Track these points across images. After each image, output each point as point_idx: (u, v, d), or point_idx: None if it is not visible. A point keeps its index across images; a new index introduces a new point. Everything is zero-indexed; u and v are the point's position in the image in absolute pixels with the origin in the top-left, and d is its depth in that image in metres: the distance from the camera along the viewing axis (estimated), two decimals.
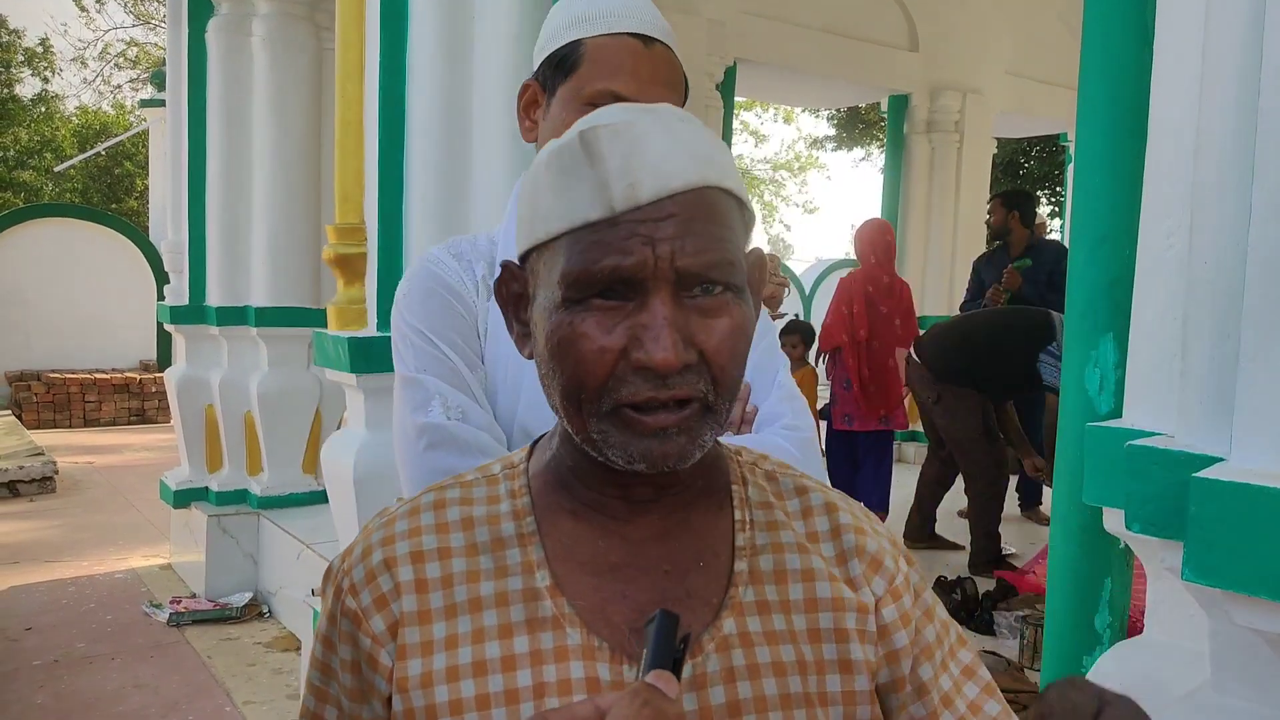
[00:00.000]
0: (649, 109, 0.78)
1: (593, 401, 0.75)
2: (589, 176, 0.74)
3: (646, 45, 1.32)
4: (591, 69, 1.32)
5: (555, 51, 1.35)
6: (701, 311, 0.75)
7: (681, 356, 0.73)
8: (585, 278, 0.74)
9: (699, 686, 0.78)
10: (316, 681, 0.85)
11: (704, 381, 0.75)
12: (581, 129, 0.76)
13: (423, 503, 0.86)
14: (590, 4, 1.35)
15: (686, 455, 0.76)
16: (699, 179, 0.75)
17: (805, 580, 0.85)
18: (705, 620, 0.81)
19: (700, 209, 0.75)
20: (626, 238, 0.73)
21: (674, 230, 0.74)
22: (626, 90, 1.30)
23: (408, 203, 2.94)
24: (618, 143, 0.75)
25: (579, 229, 0.75)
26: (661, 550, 0.83)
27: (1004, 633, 4.11)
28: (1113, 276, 1.43)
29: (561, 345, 0.76)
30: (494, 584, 0.81)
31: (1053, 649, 1.53)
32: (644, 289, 0.74)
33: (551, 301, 0.77)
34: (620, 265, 0.73)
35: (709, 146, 0.78)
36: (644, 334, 0.73)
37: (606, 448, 0.77)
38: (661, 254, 0.73)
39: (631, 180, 0.74)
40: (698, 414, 0.76)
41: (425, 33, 2.84)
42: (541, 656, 0.78)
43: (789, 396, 1.35)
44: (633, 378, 0.74)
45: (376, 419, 3.00)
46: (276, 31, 4.98)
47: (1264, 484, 0.96)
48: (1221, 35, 1.17)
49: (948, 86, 7.77)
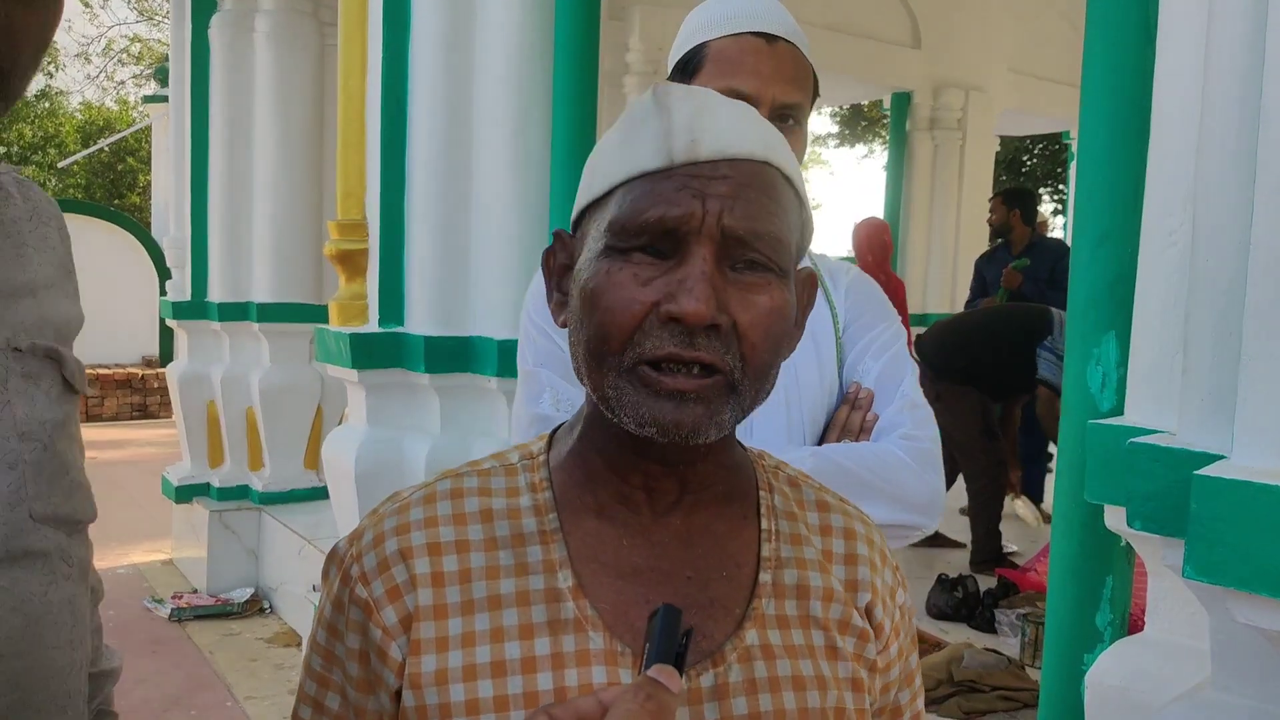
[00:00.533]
0: (722, 95, 0.79)
1: (615, 355, 0.74)
2: (654, 125, 0.75)
3: (769, 43, 1.34)
4: (713, 69, 1.35)
5: (682, 57, 1.39)
6: (742, 286, 0.74)
7: (712, 312, 0.72)
8: (631, 226, 0.74)
9: (721, 696, 0.77)
10: (318, 667, 0.83)
11: (732, 355, 0.73)
12: (655, 86, 0.77)
13: (439, 490, 0.83)
14: (716, 8, 1.38)
15: (700, 427, 0.74)
16: (762, 152, 0.76)
17: (825, 600, 0.84)
18: (728, 630, 0.80)
19: (756, 179, 0.75)
20: (678, 189, 0.73)
21: (726, 190, 0.73)
22: (747, 87, 1.32)
23: (409, 198, 2.93)
24: (689, 101, 0.75)
25: (634, 179, 0.75)
26: (685, 555, 0.81)
27: (1005, 630, 4.11)
28: (1115, 274, 1.43)
29: (595, 293, 0.74)
30: (514, 581, 0.79)
31: (1054, 647, 1.53)
32: (686, 245, 0.73)
33: (593, 252, 0.76)
34: (666, 215, 0.72)
35: (776, 135, 0.79)
36: (678, 288, 0.72)
37: (619, 407, 0.74)
38: (710, 209, 0.73)
39: (695, 136, 0.74)
40: (720, 387, 0.74)
41: (427, 29, 2.83)
42: (563, 660, 0.76)
43: (911, 406, 1.35)
44: (659, 331, 0.72)
45: (378, 415, 3.00)
46: (279, 27, 4.98)
47: (1266, 481, 0.96)
48: (1224, 32, 1.17)
49: (951, 84, 7.75)
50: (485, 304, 2.84)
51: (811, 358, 1.38)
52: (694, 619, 0.79)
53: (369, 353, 2.95)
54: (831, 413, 1.39)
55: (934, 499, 1.31)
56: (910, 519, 1.29)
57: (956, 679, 3.49)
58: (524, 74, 2.73)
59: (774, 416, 1.35)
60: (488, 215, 2.81)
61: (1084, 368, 1.46)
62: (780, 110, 1.34)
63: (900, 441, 1.32)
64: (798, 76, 1.35)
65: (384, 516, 0.83)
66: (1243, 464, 1.02)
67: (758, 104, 1.32)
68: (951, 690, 3.46)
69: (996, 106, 8.16)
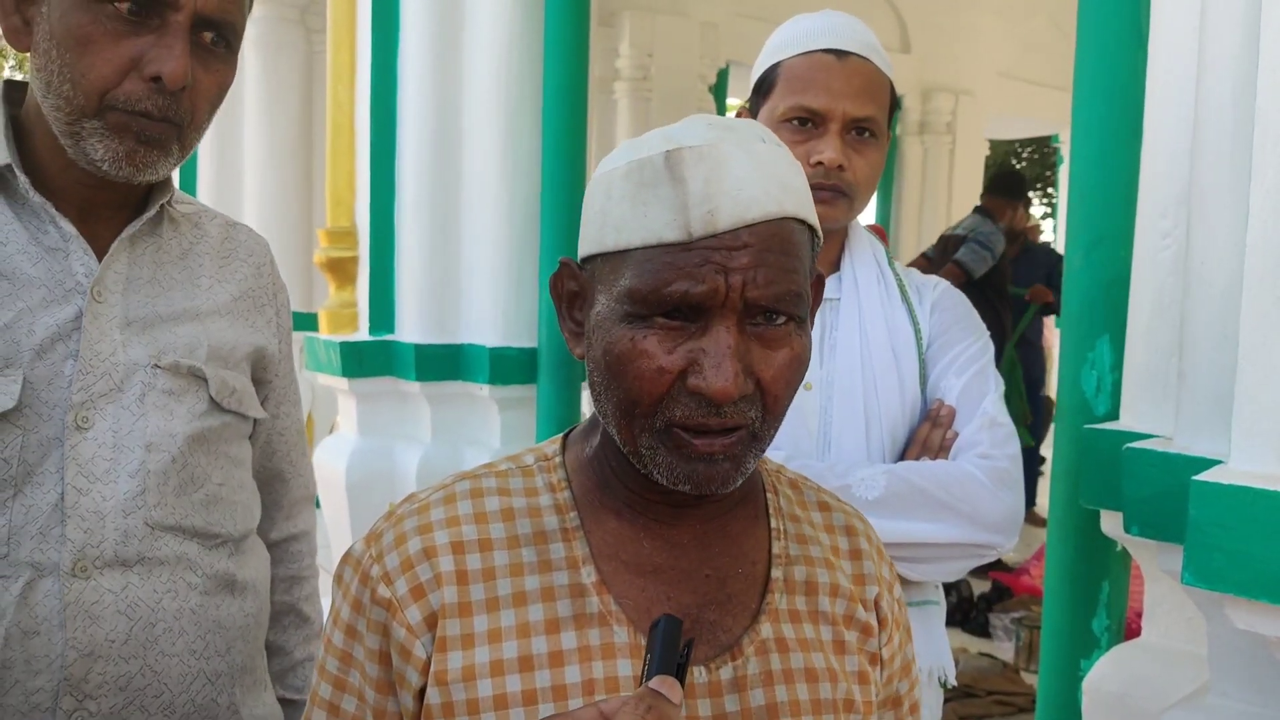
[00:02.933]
0: (731, 126, 0.79)
1: (646, 418, 0.76)
2: (669, 197, 0.75)
3: (840, 59, 1.35)
4: (785, 87, 1.37)
5: (759, 78, 1.42)
6: (763, 341, 0.76)
7: (740, 388, 0.74)
8: (654, 297, 0.74)
9: (740, 689, 0.80)
10: (334, 670, 0.84)
11: (755, 409, 0.76)
12: (667, 148, 0.76)
13: (458, 490, 0.85)
14: (790, 28, 1.41)
15: (730, 481, 0.78)
16: (777, 209, 0.76)
17: (832, 595, 0.87)
18: (744, 624, 0.83)
19: (775, 241, 0.76)
20: (700, 264, 0.74)
21: (748, 261, 0.74)
22: (817, 104, 1.34)
23: (399, 206, 2.92)
24: (701, 166, 0.75)
25: (652, 247, 0.75)
26: (703, 554, 0.84)
27: (999, 635, 4.11)
28: (1109, 278, 1.42)
29: (621, 360, 0.76)
30: (539, 578, 0.80)
31: (1050, 652, 1.52)
32: (709, 314, 0.75)
33: (614, 313, 0.77)
34: (691, 291, 0.73)
35: (787, 171, 0.78)
36: (705, 360, 0.74)
37: (653, 465, 0.78)
38: (733, 284, 0.74)
39: (712, 207, 0.74)
40: (745, 440, 0.77)
41: (416, 36, 2.83)
42: (590, 653, 0.78)
43: (990, 425, 1.35)
44: (687, 399, 0.75)
45: (368, 424, 2.99)
46: (267, 34, 4.97)
47: (1264, 487, 0.95)
48: (1217, 34, 1.17)
49: (940, 88, 7.77)
50: (476, 311, 2.83)
51: (892, 375, 1.38)
52: (713, 615, 0.82)
53: (359, 361, 2.93)
54: (913, 429, 1.39)
55: (1009, 518, 1.30)
56: (985, 538, 1.29)
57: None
58: (514, 80, 2.72)
59: (853, 433, 1.36)
60: (478, 222, 2.80)
61: (1079, 371, 1.45)
62: (853, 124, 1.35)
63: (977, 460, 1.32)
64: (870, 90, 1.36)
65: (403, 518, 0.84)
66: (1241, 469, 1.01)
67: (829, 120, 1.34)
68: (947, 695, 3.45)
69: (986, 110, 8.18)
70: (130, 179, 1.08)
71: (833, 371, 1.38)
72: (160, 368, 1.13)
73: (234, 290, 1.24)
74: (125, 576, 1.09)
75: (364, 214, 2.99)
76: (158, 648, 1.12)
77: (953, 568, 1.33)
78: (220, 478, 1.20)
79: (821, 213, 1.36)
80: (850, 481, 1.28)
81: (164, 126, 1.07)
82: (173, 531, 1.13)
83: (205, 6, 1.06)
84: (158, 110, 1.06)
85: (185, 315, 1.18)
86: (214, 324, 1.20)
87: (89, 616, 1.07)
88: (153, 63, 1.04)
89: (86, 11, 1.03)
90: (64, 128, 1.06)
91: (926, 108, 7.86)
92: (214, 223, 1.27)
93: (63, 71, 1.04)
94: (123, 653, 1.09)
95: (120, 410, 1.10)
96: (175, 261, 1.20)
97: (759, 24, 6.68)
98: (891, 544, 1.26)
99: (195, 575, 1.15)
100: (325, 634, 0.86)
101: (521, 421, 2.80)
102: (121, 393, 1.11)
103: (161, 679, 1.12)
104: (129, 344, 1.12)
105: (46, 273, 1.09)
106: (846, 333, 1.39)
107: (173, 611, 1.13)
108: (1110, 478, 1.31)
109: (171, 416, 1.14)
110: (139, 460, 1.11)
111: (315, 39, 5.09)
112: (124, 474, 1.10)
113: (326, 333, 3.17)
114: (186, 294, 1.19)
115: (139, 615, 1.10)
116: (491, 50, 2.73)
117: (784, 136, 1.35)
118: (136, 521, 1.10)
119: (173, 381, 1.14)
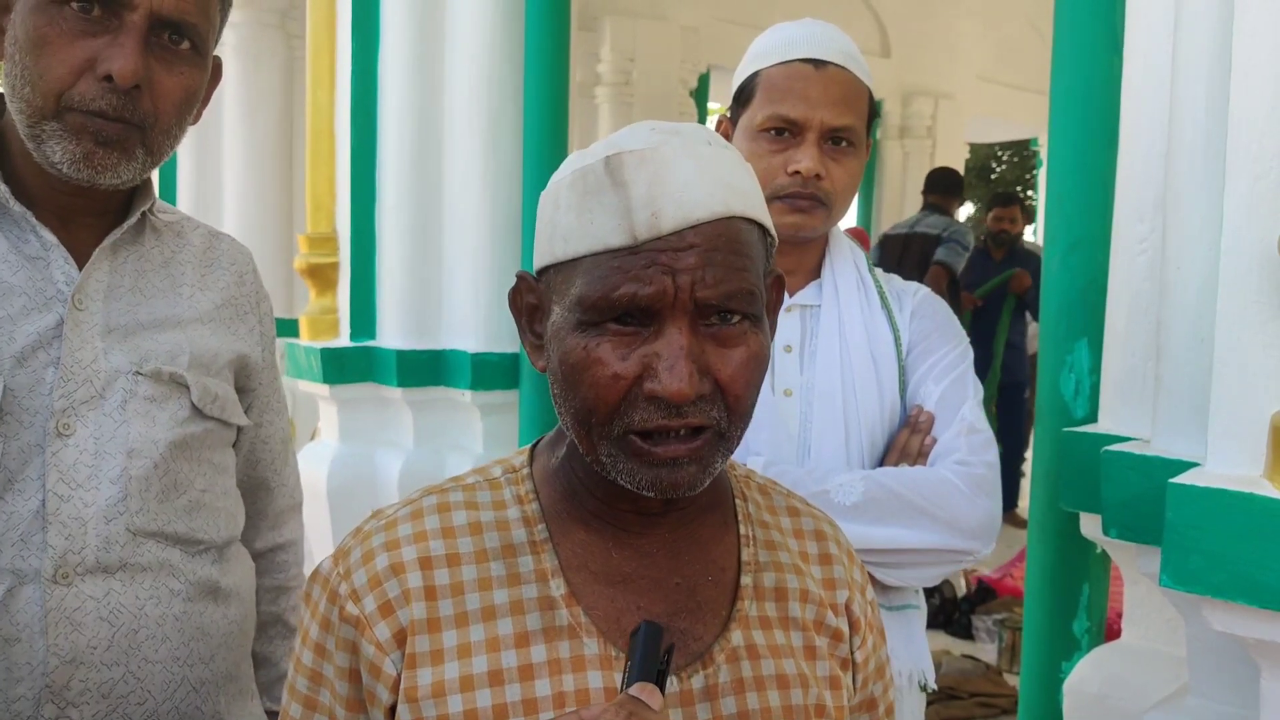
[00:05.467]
0: (676, 130, 0.78)
1: (603, 425, 0.76)
2: (612, 203, 0.74)
3: (818, 69, 1.35)
4: (763, 97, 1.37)
5: (739, 86, 1.43)
6: (718, 340, 0.76)
7: (696, 388, 0.73)
8: (603, 303, 0.74)
9: (712, 697, 0.79)
10: (304, 689, 0.83)
11: (717, 409, 0.76)
12: (608, 153, 0.76)
13: (425, 506, 0.84)
14: (770, 37, 1.42)
15: (696, 483, 0.77)
16: (723, 209, 0.75)
17: (802, 601, 0.87)
18: (715, 632, 0.82)
19: (722, 240, 0.75)
20: (646, 266, 0.73)
21: (695, 261, 0.73)
22: (794, 113, 1.34)
23: (380, 211, 2.91)
24: (643, 169, 0.74)
25: (599, 253, 0.75)
26: (672, 563, 0.84)
27: (982, 636, 4.12)
28: (1086, 281, 1.43)
29: (576, 369, 0.76)
30: (507, 592, 0.80)
31: (1031, 654, 1.53)
32: (661, 317, 0.74)
33: (567, 323, 0.77)
34: (639, 294, 0.73)
35: (733, 172, 0.78)
36: (658, 363, 0.73)
37: (616, 472, 0.77)
38: (681, 284, 0.73)
39: (655, 209, 0.73)
40: (710, 442, 0.76)
41: (396, 41, 2.82)
42: (560, 666, 0.78)
43: (969, 430, 1.35)
44: (644, 405, 0.74)
45: (350, 430, 2.97)
46: (247, 40, 4.94)
47: (1240, 489, 0.96)
48: (1191, 40, 1.18)
49: (920, 92, 7.81)
50: (458, 317, 2.82)
51: (871, 381, 1.39)
52: (684, 623, 0.81)
53: (340, 367, 2.92)
54: (893, 435, 1.40)
55: (986, 524, 1.31)
56: (961, 544, 1.30)
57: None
58: (494, 85, 2.71)
59: (833, 439, 1.36)
60: (459, 227, 2.79)
61: (1057, 375, 1.46)
62: (831, 133, 1.35)
63: (954, 466, 1.33)
64: (848, 99, 1.36)
65: (370, 534, 0.83)
66: (1217, 471, 1.02)
67: (806, 129, 1.34)
68: (930, 698, 3.46)
69: (965, 114, 8.23)
70: (92, 181, 1.07)
71: (812, 377, 1.38)
72: (142, 374, 1.13)
73: (216, 298, 1.24)
74: (107, 583, 1.09)
75: (344, 219, 2.98)
76: (140, 654, 1.11)
77: (930, 573, 1.33)
78: (203, 484, 1.19)
79: (799, 222, 1.36)
80: (829, 487, 1.29)
81: (121, 127, 1.06)
82: (155, 538, 1.13)
83: (162, 6, 1.05)
84: (112, 110, 1.05)
85: (167, 323, 1.18)
86: (196, 331, 1.20)
87: (71, 623, 1.06)
88: (104, 61, 1.03)
89: (44, 13, 1.03)
90: (27, 131, 1.06)
91: (906, 111, 7.89)
92: (196, 232, 1.27)
93: (24, 74, 1.04)
94: (105, 659, 1.09)
95: (102, 417, 1.10)
96: (157, 270, 1.19)
97: (740, 29, 6.69)
98: (869, 549, 1.26)
99: (178, 582, 1.15)
100: (295, 653, 0.85)
101: (504, 427, 2.80)
102: (103, 399, 1.10)
103: (145, 686, 1.12)
104: (110, 351, 1.12)
105: (27, 281, 1.09)
106: (826, 339, 1.40)
107: (155, 618, 1.12)
108: (1089, 480, 1.31)
109: (153, 423, 1.13)
110: (121, 466, 1.10)
111: (295, 44, 5.06)
112: (106, 480, 1.10)
113: (307, 339, 3.15)
114: (168, 302, 1.19)
115: (121, 622, 1.10)
116: (472, 55, 2.73)
117: (762, 146, 1.36)
118: (118, 528, 1.10)
119: (154, 388, 1.14)
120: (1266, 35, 0.98)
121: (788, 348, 1.40)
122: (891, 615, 1.37)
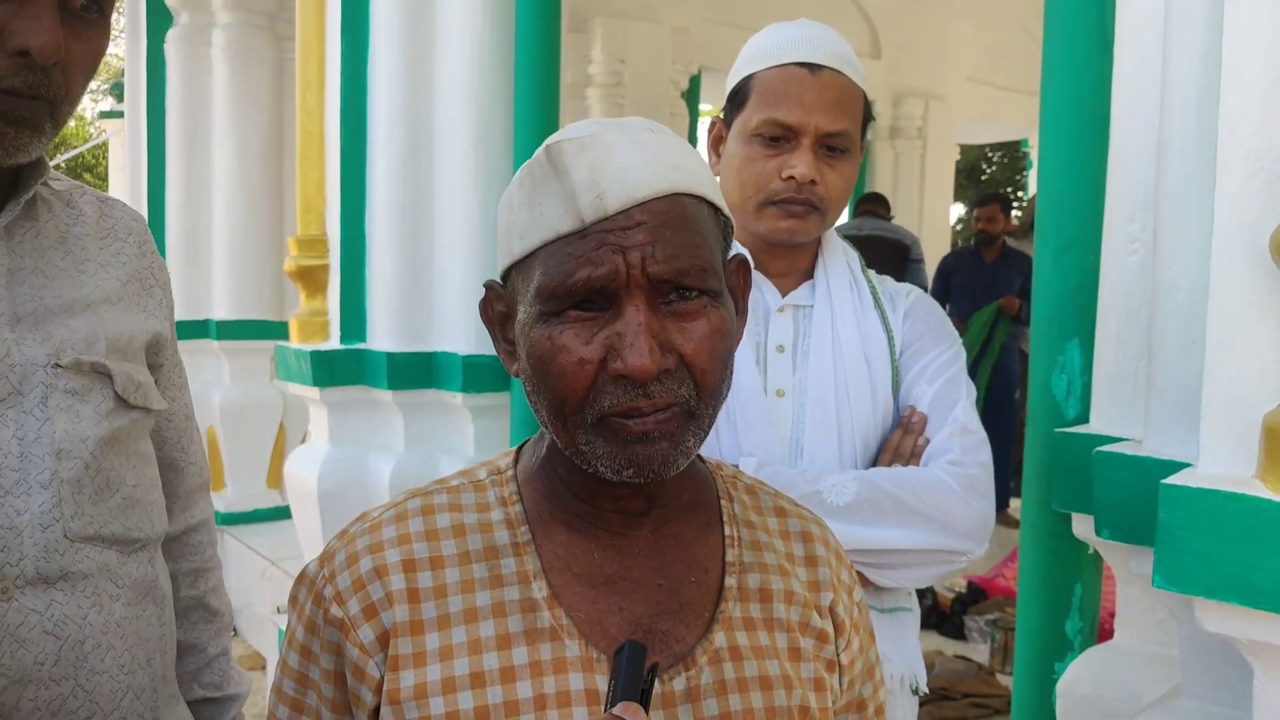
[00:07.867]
0: (619, 122, 0.79)
1: (577, 413, 0.76)
2: (557, 190, 0.75)
3: (813, 72, 1.35)
4: (757, 100, 1.36)
5: (733, 89, 1.41)
6: (679, 316, 0.76)
7: (658, 362, 0.74)
8: (560, 290, 0.75)
9: (694, 699, 0.79)
10: (291, 691, 0.84)
11: (685, 386, 0.76)
12: (548, 143, 0.77)
13: (409, 508, 0.84)
14: (765, 39, 1.41)
15: (670, 461, 0.77)
16: (668, 186, 0.76)
17: (787, 602, 0.87)
18: (698, 633, 0.82)
19: (670, 216, 0.75)
20: (597, 248, 0.74)
21: (644, 237, 0.74)
22: (789, 118, 1.33)
23: (370, 213, 2.90)
24: (583, 155, 0.75)
25: (551, 242, 0.75)
26: (655, 564, 0.84)
27: (975, 637, 4.12)
28: (1078, 282, 1.43)
29: (543, 360, 0.76)
30: (490, 594, 0.80)
31: (1024, 655, 1.53)
32: (618, 298, 0.74)
33: (530, 317, 0.77)
34: (592, 276, 0.73)
35: (677, 154, 0.78)
36: (619, 342, 0.74)
37: (595, 459, 0.77)
38: (632, 261, 0.74)
39: (599, 191, 0.74)
40: (679, 418, 0.76)
41: (387, 42, 2.81)
42: (541, 668, 0.78)
43: (962, 431, 1.35)
44: (612, 387, 0.74)
45: (340, 433, 2.96)
46: (237, 42, 4.92)
47: (1233, 489, 0.95)
48: (1181, 40, 1.18)
49: (911, 93, 7.82)
50: (448, 319, 2.81)
51: (864, 382, 1.39)
52: (667, 624, 0.81)
53: (331, 370, 2.91)
54: (886, 436, 1.40)
55: (979, 524, 1.31)
56: (954, 544, 1.30)
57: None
58: (485, 86, 2.71)
59: (826, 440, 1.36)
60: (450, 229, 2.79)
61: (1049, 376, 1.46)
62: (825, 138, 1.35)
63: (947, 467, 1.33)
64: (843, 104, 1.36)
65: (355, 536, 0.83)
66: (1209, 471, 1.02)
67: (801, 134, 1.34)
68: (922, 699, 3.46)
69: (956, 115, 8.24)
70: (0, 164, 0.98)
71: (805, 378, 1.38)
72: (61, 366, 1.04)
73: (120, 274, 1.15)
74: (49, 594, 1.02)
75: (335, 222, 2.97)
76: (88, 666, 1.05)
77: (923, 574, 1.33)
78: (134, 479, 1.12)
79: (794, 227, 1.36)
80: (821, 487, 1.28)
81: (35, 105, 0.96)
82: (92, 542, 1.06)
83: None
84: (27, 87, 0.94)
85: (77, 305, 1.08)
86: (108, 313, 1.11)
87: (15, 640, 1.00)
88: (17, 35, 0.92)
89: None
90: None
91: (897, 113, 7.91)
92: (85, 199, 1.17)
93: None
94: (53, 674, 1.02)
95: (22, 415, 1.02)
96: (55, 246, 1.09)
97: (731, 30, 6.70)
98: (862, 550, 1.26)
99: (116, 586, 1.08)
100: (281, 655, 0.85)
101: (496, 429, 2.79)
102: (21, 396, 1.02)
103: (93, 699, 1.05)
104: (22, 342, 1.03)
105: None
106: (819, 340, 1.40)
107: (100, 626, 1.06)
108: (1081, 481, 1.31)
109: (79, 419, 1.05)
110: (50, 469, 1.02)
111: (285, 46, 5.05)
112: (36, 485, 1.02)
113: (297, 341, 3.14)
114: (74, 282, 1.09)
115: (67, 634, 1.03)
116: (462, 56, 2.72)
117: (757, 150, 1.35)
118: (55, 535, 1.02)
119: (75, 380, 1.05)
120: (1256, 35, 0.98)
121: (780, 348, 1.39)
122: (884, 618, 1.37)
